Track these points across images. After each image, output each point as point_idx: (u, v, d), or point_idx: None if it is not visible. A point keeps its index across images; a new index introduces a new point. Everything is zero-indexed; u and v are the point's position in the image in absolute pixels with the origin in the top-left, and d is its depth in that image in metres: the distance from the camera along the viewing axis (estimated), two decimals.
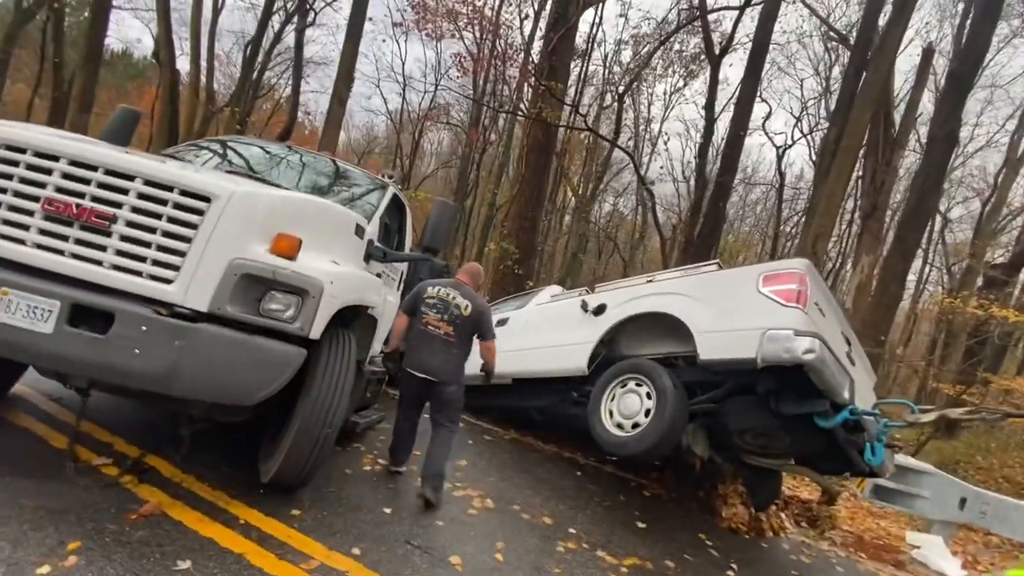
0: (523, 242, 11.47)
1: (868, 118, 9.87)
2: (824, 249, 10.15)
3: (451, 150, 27.02)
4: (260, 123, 22.23)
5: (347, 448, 3.92)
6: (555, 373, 4.74)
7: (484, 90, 18.73)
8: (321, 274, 2.57)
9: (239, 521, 2.56)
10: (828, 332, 3.45)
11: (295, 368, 2.50)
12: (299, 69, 16.69)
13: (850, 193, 16.78)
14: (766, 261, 21.54)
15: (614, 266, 25.48)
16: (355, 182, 4.40)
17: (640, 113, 22.81)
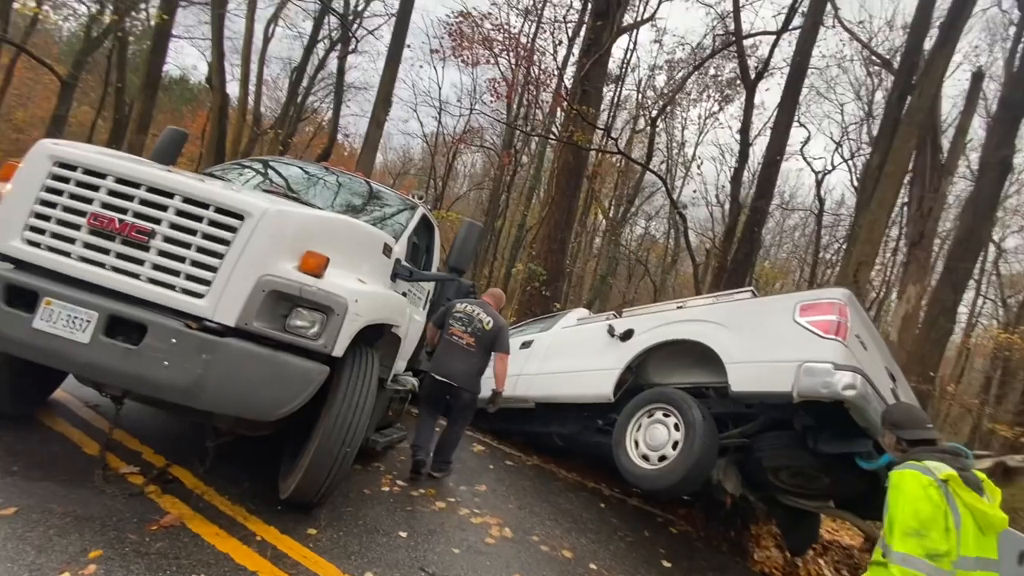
0: (551, 264, 11.42)
1: (913, 144, 9.51)
2: (867, 278, 9.71)
3: (484, 172, 27.46)
4: (302, 144, 23.18)
5: (367, 467, 3.90)
6: (579, 399, 4.63)
7: (517, 114, 19.05)
8: (346, 292, 2.60)
9: (256, 538, 2.55)
10: (871, 366, 3.25)
11: (317, 385, 2.52)
12: (340, 94, 17.41)
13: (895, 220, 16.14)
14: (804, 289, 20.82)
15: (644, 290, 25.09)
16: (386, 202, 4.48)
17: (673, 137, 22.73)
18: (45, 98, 20.30)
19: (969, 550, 1.86)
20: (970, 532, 1.88)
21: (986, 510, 1.90)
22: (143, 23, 17.40)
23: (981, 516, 1.89)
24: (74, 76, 15.84)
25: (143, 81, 13.17)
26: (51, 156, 2.49)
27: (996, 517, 1.91)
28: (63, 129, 15.26)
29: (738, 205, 12.34)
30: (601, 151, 14.52)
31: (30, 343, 2.27)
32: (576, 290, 23.05)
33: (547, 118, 16.43)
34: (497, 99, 17.97)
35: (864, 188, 12.25)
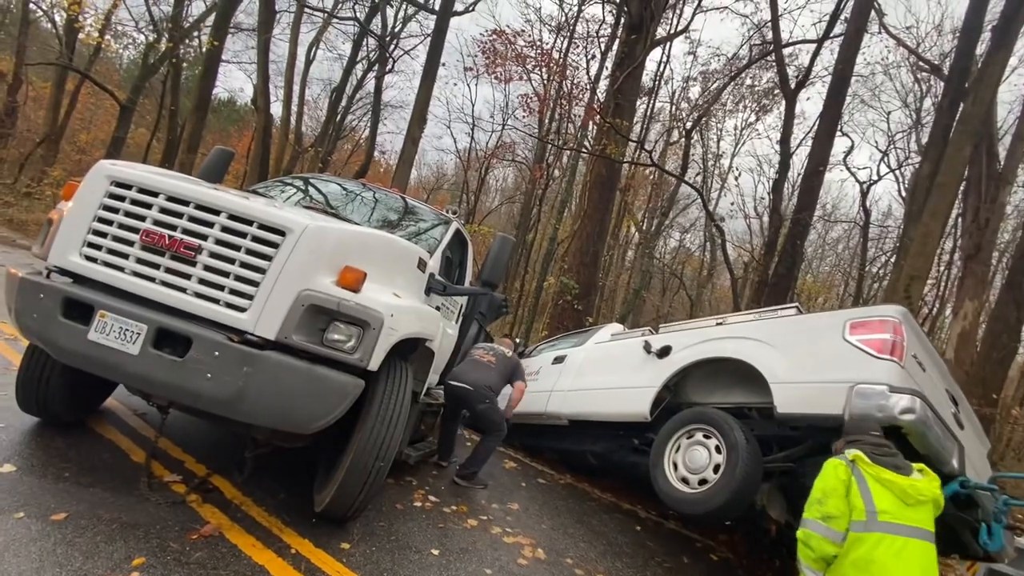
0: (583, 277, 11.31)
1: (967, 152, 9.01)
2: (919, 293, 9.19)
3: (515, 186, 27.64)
4: (340, 161, 23.95)
5: (400, 482, 3.89)
6: (614, 417, 4.51)
7: (549, 128, 19.14)
8: (382, 307, 2.62)
9: (290, 551, 2.57)
10: (929, 389, 3.04)
11: (353, 399, 2.53)
12: (377, 112, 17.94)
13: (948, 232, 15.29)
14: (848, 303, 19.92)
15: (679, 304, 24.54)
16: (421, 217, 4.53)
17: (709, 148, 22.34)
18: (106, 121, 21.70)
19: (887, 516, 2.21)
20: (885, 499, 2.24)
21: (902, 483, 2.24)
22: (196, 50, 18.46)
23: (898, 489, 2.24)
24: (132, 100, 16.89)
25: (194, 104, 13.93)
26: (108, 176, 2.62)
27: (916, 489, 2.24)
28: (121, 150, 16.24)
29: (779, 217, 11.96)
30: (634, 164, 14.39)
31: (85, 354, 2.37)
32: (608, 304, 22.75)
33: (579, 132, 16.43)
34: (529, 114, 18.13)
35: (914, 199, 11.68)
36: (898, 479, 2.26)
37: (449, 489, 4.09)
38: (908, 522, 2.22)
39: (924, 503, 2.26)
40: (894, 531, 2.20)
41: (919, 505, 2.25)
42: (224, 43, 14.15)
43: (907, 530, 2.21)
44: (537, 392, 5.46)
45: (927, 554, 2.20)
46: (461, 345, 5.25)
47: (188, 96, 17.17)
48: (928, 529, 2.23)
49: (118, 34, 17.34)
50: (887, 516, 2.22)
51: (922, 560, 2.18)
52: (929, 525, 2.25)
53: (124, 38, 18.32)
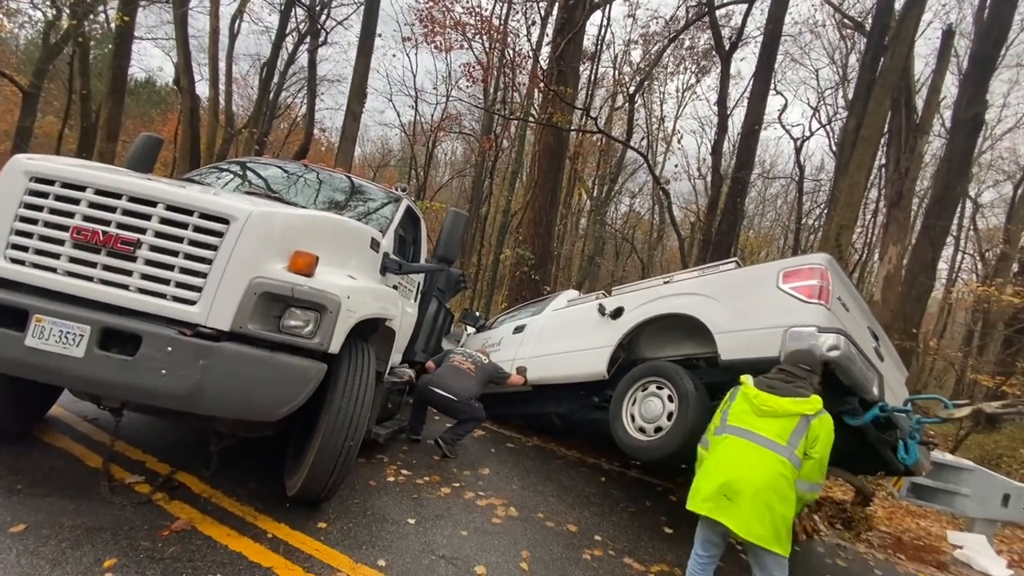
0: (538, 247, 11.46)
1: (888, 105, 9.62)
2: (848, 241, 9.89)
3: (465, 159, 27.25)
4: (278, 142, 22.78)
5: (371, 460, 3.96)
6: (575, 378, 4.71)
7: (495, 98, 18.86)
8: (338, 289, 2.62)
9: (267, 535, 2.61)
10: (852, 327, 3.36)
11: (316, 383, 2.55)
12: (313, 88, 17.08)
13: (873, 182, 16.35)
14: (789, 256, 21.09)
15: (632, 267, 25.26)
16: (369, 196, 4.47)
17: (652, 112, 22.68)
18: (8, 110, 19.66)
19: (736, 421, 2.52)
20: (738, 410, 2.55)
21: (761, 397, 2.50)
22: (103, 26, 16.81)
23: (755, 401, 2.50)
24: (36, 86, 15.34)
25: (108, 87, 12.79)
26: (27, 172, 2.45)
27: (763, 401, 2.49)
28: (29, 141, 14.81)
29: (720, 177, 12.43)
30: (581, 131, 14.48)
31: (25, 361, 2.27)
32: (565, 272, 23.14)
33: (525, 100, 16.30)
34: (473, 84, 17.77)
35: (842, 152, 12.38)
36: (758, 394, 2.51)
37: (421, 461, 4.19)
38: (753, 428, 2.44)
39: (776, 416, 2.43)
40: (737, 434, 2.48)
41: (769, 417, 2.43)
42: (135, 17, 12.95)
43: (750, 435, 2.43)
44: (500, 362, 5.59)
45: (767, 462, 2.36)
46: (422, 322, 5.29)
47: (100, 78, 15.72)
48: (774, 440, 2.39)
49: (10, 11, 15.53)
50: (735, 421, 2.51)
51: (761, 465, 2.35)
52: (777, 436, 2.39)
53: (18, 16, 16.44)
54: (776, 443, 2.38)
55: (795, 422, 2.41)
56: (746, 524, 2.30)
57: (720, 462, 2.46)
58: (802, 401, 2.45)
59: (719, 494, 2.37)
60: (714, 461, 2.50)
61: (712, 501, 2.39)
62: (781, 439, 2.38)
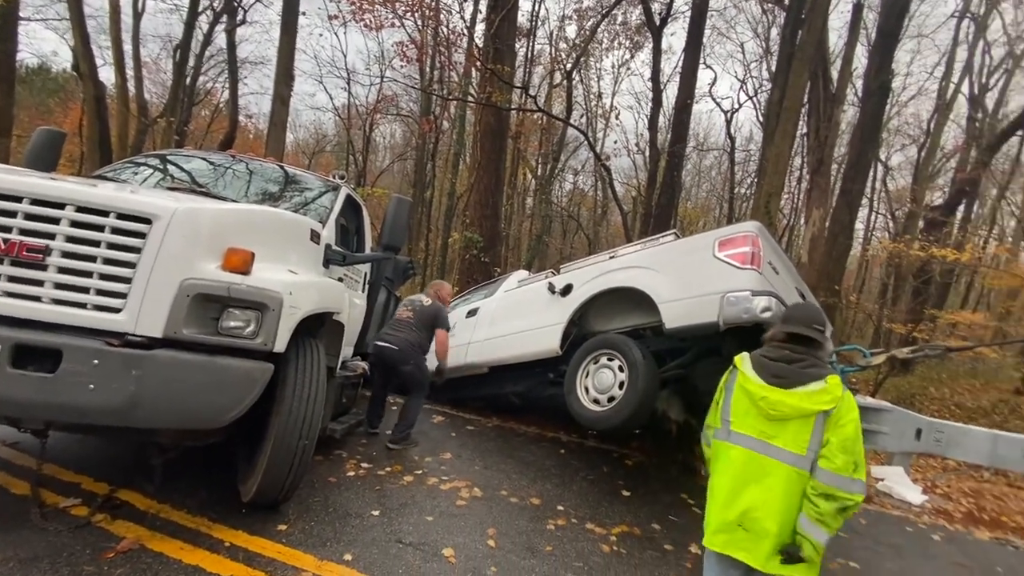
0: (486, 230, 11.43)
1: (807, 77, 10.17)
2: (777, 207, 10.51)
3: (405, 142, 26.50)
4: (200, 131, 21.24)
5: (329, 456, 3.89)
6: (530, 357, 4.79)
7: (431, 78, 18.38)
8: (279, 286, 2.52)
9: (224, 544, 2.52)
10: (783, 289, 3.60)
11: (263, 384, 2.46)
12: (234, 71, 15.98)
13: (797, 150, 17.36)
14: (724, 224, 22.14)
15: (580, 244, 25.73)
16: (305, 186, 4.29)
17: (590, 89, 22.89)
18: None
19: (742, 427, 1.97)
20: (740, 410, 1.98)
21: (765, 394, 1.89)
22: None
23: (763, 402, 1.90)
24: None
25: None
26: None
27: (781, 407, 1.87)
28: None
29: (657, 151, 12.79)
30: (521, 110, 14.42)
31: None
32: (515, 252, 23.24)
33: (463, 80, 15.99)
34: (408, 63, 17.22)
35: (768, 123, 13.04)
36: (764, 394, 1.92)
37: (382, 453, 4.16)
38: (763, 437, 1.92)
39: (787, 419, 1.88)
40: (745, 444, 1.95)
41: (781, 421, 1.88)
42: None
43: (760, 446, 1.91)
44: (456, 347, 5.59)
45: (787, 479, 1.85)
46: (372, 313, 5.19)
47: None
48: (790, 450, 1.86)
49: None
50: (740, 427, 1.98)
51: (780, 484, 1.86)
52: (793, 445, 1.86)
53: None
54: (794, 454, 1.86)
55: (812, 422, 1.86)
56: (764, 560, 1.85)
57: (729, 483, 1.96)
58: (817, 392, 1.87)
59: (734, 524, 1.90)
60: (721, 481, 2.00)
61: (726, 533, 1.92)
62: (799, 448, 1.86)
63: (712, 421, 2.16)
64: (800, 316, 2.09)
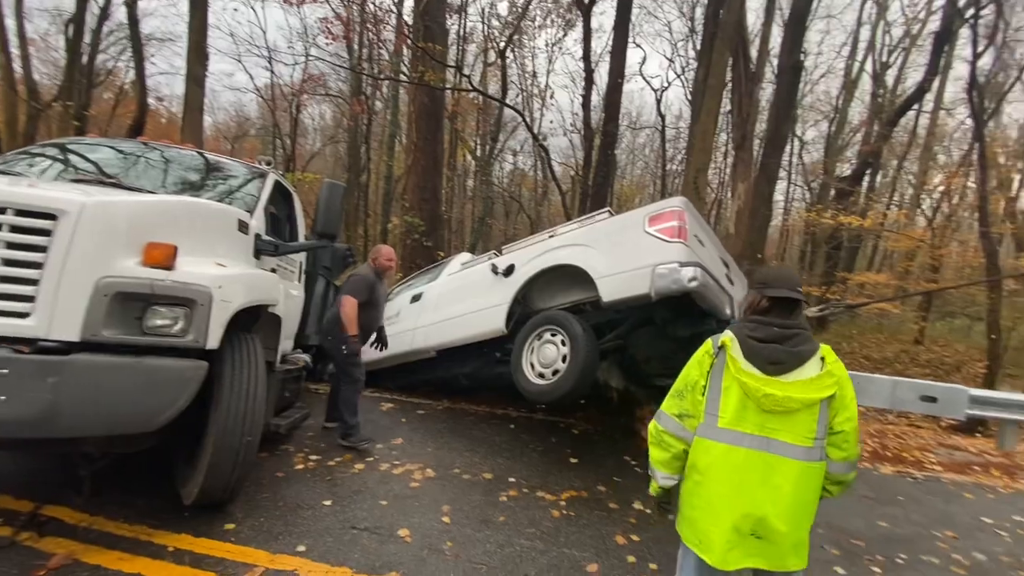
0: (427, 213, 11.27)
1: (728, 56, 10.66)
2: (705, 182, 11.03)
3: (336, 123, 25.36)
4: (103, 116, 19.31)
5: (275, 452, 3.81)
6: (477, 338, 4.86)
7: (360, 56, 17.63)
8: (207, 280, 2.43)
9: (168, 549, 2.45)
10: (708, 260, 3.86)
11: (198, 382, 2.38)
12: (139, 49, 14.58)
13: (722, 127, 18.24)
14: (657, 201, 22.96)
15: (522, 224, 25.89)
16: (229, 173, 4.07)
17: (525, 68, 22.80)
18: None
19: (738, 424, 1.71)
20: (734, 404, 1.71)
21: (769, 391, 1.66)
22: None
23: (766, 400, 1.67)
24: None
25: None
26: None
27: (785, 402, 1.66)
28: None
29: (591, 131, 13.03)
30: (456, 89, 14.18)
31: None
32: (458, 235, 23.07)
33: (394, 59, 15.46)
34: (334, 40, 16.37)
35: (695, 101, 13.58)
36: (763, 385, 1.67)
37: (331, 444, 4.11)
38: (766, 434, 1.69)
39: (790, 413, 1.67)
40: (747, 444, 1.70)
41: (784, 415, 1.68)
42: None
43: (765, 443, 1.69)
44: (401, 332, 5.57)
45: (799, 476, 1.67)
46: (310, 304, 5.05)
47: None
48: (798, 444, 1.67)
49: None
50: (738, 424, 1.71)
51: (790, 482, 1.66)
52: (801, 439, 1.67)
53: None
54: (801, 448, 1.67)
55: (817, 410, 1.68)
56: (782, 560, 1.69)
57: (730, 489, 1.70)
58: (819, 377, 1.68)
59: (746, 535, 1.68)
60: (719, 489, 1.72)
61: (739, 548, 1.69)
62: (806, 440, 1.68)
63: (692, 408, 1.80)
64: (780, 278, 1.83)
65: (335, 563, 2.52)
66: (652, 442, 1.89)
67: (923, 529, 3.82)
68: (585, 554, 2.86)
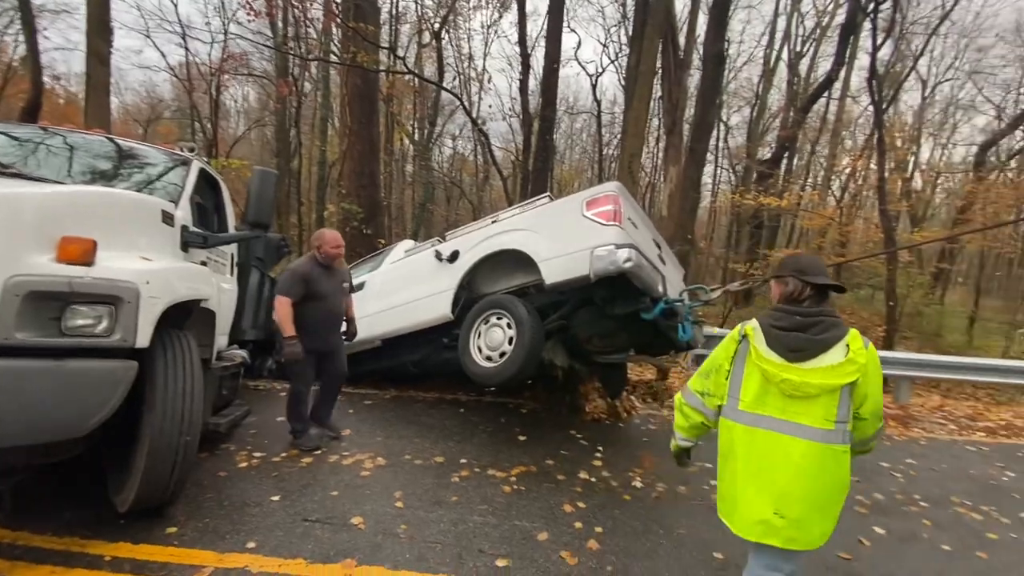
0: (365, 200, 10.96)
1: (658, 43, 11.03)
2: (639, 167, 11.45)
3: (261, 106, 23.89)
4: None
5: (215, 452, 3.68)
6: (423, 325, 4.86)
7: (285, 34, 16.65)
8: (132, 275, 2.30)
9: (104, 559, 2.34)
10: (641, 241, 4.07)
11: (128, 384, 2.27)
12: (30, 20, 12.97)
13: (655, 113, 18.89)
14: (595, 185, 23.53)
15: (465, 210, 25.71)
16: (148, 161, 3.81)
17: (460, 50, 22.43)
18: None
19: (759, 407, 1.82)
20: (756, 388, 1.83)
21: (787, 376, 1.76)
22: None
23: (784, 385, 1.77)
24: None
25: None
26: None
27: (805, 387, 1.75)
28: None
29: (529, 115, 13.11)
30: (390, 72, 13.76)
31: None
32: (399, 222, 22.59)
33: (322, 38, 14.73)
34: (256, 17, 15.34)
35: (628, 87, 13.99)
36: (785, 376, 1.77)
37: (275, 440, 4.01)
38: (788, 417, 1.78)
39: (810, 398, 1.76)
40: (770, 427, 1.80)
41: (804, 399, 1.76)
42: None
43: (788, 427, 1.77)
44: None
45: (822, 458, 1.75)
46: (245, 297, 4.85)
47: None
48: (820, 427, 1.75)
49: None
50: (761, 408, 1.82)
51: (813, 464, 1.74)
52: (822, 422, 1.75)
53: None
54: (822, 430, 1.76)
55: (838, 395, 1.76)
56: (810, 538, 1.77)
57: (753, 468, 1.82)
58: (842, 364, 1.74)
59: (770, 513, 1.77)
60: (744, 466, 1.84)
61: (762, 524, 1.79)
62: (827, 423, 1.76)
63: (714, 389, 1.97)
64: (815, 266, 1.91)
65: (288, 556, 2.51)
66: (676, 410, 2.13)
67: None
68: (535, 524, 3.00)
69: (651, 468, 4.09)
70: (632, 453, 4.43)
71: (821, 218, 17.09)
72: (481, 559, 2.60)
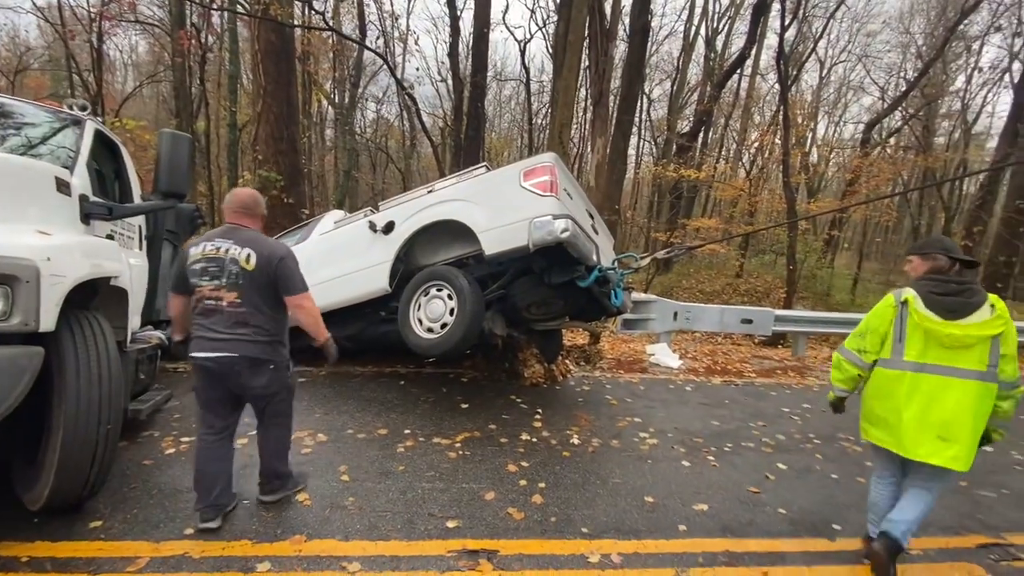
0: (285, 166, 10.25)
1: (585, 13, 11.07)
2: (568, 137, 11.61)
3: (155, 59, 21.25)
4: None
5: (138, 439, 3.44)
6: (360, 299, 4.74)
7: None
8: (30, 251, 2.07)
9: (21, 560, 2.16)
10: (576, 212, 4.20)
11: (33, 372, 2.06)
12: None
13: (583, 83, 19.08)
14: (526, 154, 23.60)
15: (393, 178, 24.82)
16: (30, 121, 3.34)
17: (383, 7, 21.13)
18: None
19: (925, 358, 2.31)
20: (919, 343, 2.31)
21: (950, 331, 2.24)
22: None
23: (948, 339, 2.25)
24: None
25: None
26: None
27: (955, 339, 2.24)
28: None
29: (460, 81, 12.77)
30: (307, 27, 12.74)
31: None
32: (320, 190, 21.41)
33: None
34: None
35: (556, 56, 13.97)
36: (941, 327, 2.26)
37: None
38: (950, 363, 2.27)
39: (968, 347, 2.25)
40: (935, 371, 2.29)
41: (963, 349, 2.25)
42: None
43: (950, 371, 2.27)
44: None
45: (978, 394, 2.25)
46: (158, 273, 4.47)
47: None
48: (976, 368, 2.25)
49: None
50: (926, 358, 2.31)
51: (970, 398, 2.24)
52: (978, 364, 2.25)
53: None
54: (978, 371, 2.26)
55: (990, 343, 2.25)
56: (957, 458, 2.26)
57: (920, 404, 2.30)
58: (992, 319, 2.25)
59: (934, 437, 2.28)
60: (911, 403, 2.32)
61: (927, 445, 2.29)
62: (982, 365, 2.26)
63: (869, 347, 2.46)
64: (955, 247, 2.43)
65: (231, 538, 2.44)
66: (834, 366, 2.60)
67: (742, 423, 4.80)
68: (482, 485, 3.13)
69: (587, 425, 4.35)
70: (569, 413, 4.68)
71: (733, 189, 18.35)
72: (432, 522, 2.68)
